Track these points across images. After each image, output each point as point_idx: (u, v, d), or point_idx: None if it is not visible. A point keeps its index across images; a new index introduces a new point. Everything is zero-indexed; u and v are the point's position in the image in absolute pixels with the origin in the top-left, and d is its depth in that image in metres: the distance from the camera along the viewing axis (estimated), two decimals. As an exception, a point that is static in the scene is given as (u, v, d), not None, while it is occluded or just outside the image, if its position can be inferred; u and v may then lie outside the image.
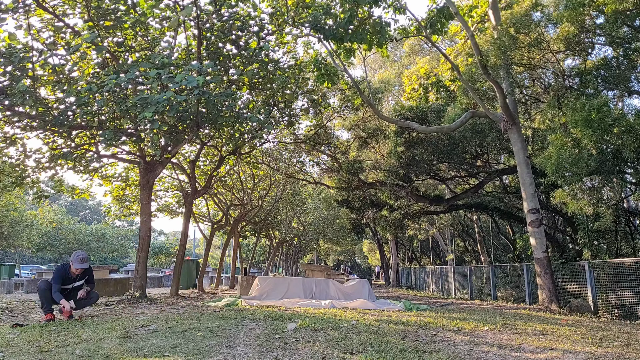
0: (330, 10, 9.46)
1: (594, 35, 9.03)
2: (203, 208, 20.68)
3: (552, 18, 9.02)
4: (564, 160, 8.18)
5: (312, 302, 9.38)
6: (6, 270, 22.32)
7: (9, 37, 8.03)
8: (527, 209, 9.56)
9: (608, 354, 4.12)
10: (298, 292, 10.50)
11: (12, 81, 7.39)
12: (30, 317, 6.88)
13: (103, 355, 3.73)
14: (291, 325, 7.78)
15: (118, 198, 15.31)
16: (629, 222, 12.60)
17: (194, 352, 3.86)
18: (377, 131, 17.66)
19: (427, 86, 16.75)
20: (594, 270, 8.74)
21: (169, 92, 6.34)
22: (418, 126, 12.16)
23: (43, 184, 12.21)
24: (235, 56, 9.98)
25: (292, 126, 15.74)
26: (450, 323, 5.96)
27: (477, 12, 12.56)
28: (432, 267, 21.32)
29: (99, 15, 8.01)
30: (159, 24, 9.34)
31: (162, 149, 8.94)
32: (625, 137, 7.50)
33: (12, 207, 23.53)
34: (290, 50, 13.01)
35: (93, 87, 6.67)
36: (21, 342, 4.33)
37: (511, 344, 4.55)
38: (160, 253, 48.02)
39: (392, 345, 4.29)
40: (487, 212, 17.37)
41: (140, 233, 9.97)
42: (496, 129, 12.44)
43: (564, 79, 10.42)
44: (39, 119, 7.93)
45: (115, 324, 5.47)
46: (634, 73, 9.24)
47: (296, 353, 3.94)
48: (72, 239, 37.17)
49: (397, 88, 25.95)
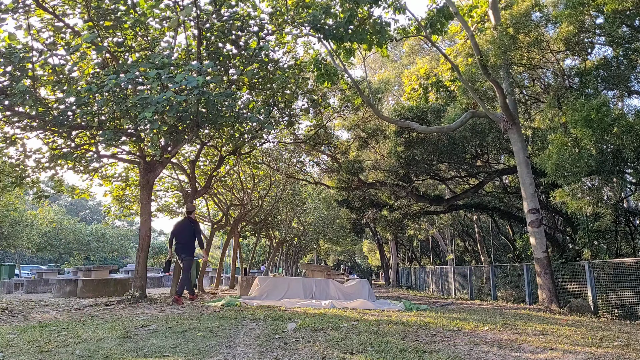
0: (330, 10, 9.46)
1: (594, 35, 9.03)
2: (203, 208, 20.68)
3: (552, 18, 9.03)
4: (564, 160, 8.18)
5: (312, 302, 9.38)
6: (6, 270, 22.32)
7: (9, 37, 8.03)
8: (527, 209, 9.56)
9: (608, 354, 4.12)
10: (298, 292, 10.50)
11: (12, 81, 7.39)
12: (31, 317, 6.88)
13: (103, 355, 3.73)
14: (291, 325, 7.81)
15: (118, 198, 15.31)
16: (628, 222, 12.60)
17: (194, 352, 3.86)
18: (377, 131, 17.66)
19: (427, 86, 16.76)
20: (594, 270, 8.74)
21: (169, 92, 6.34)
22: (418, 126, 12.16)
23: (43, 184, 12.20)
24: (235, 56, 9.98)
25: (292, 126, 15.74)
26: (450, 323, 5.95)
27: (477, 12, 12.56)
28: (432, 267, 21.32)
29: (99, 15, 8.01)
30: (159, 24, 9.34)
31: (162, 149, 8.94)
32: (625, 137, 7.50)
33: (12, 207, 23.53)
34: (290, 50, 13.01)
35: (93, 87, 6.67)
36: (21, 342, 4.33)
37: (511, 344, 4.55)
38: (160, 253, 48.03)
39: (392, 345, 4.29)
40: (487, 212, 17.39)
41: (140, 233, 9.96)
42: (496, 129, 12.44)
43: (563, 78, 10.43)
44: (38, 119, 7.93)
45: (115, 324, 5.47)
46: (633, 73, 9.25)
47: (296, 353, 3.94)
48: (72, 239, 37.18)
49: (396, 88, 25.96)
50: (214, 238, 21.69)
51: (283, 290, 10.51)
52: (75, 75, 8.39)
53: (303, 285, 10.76)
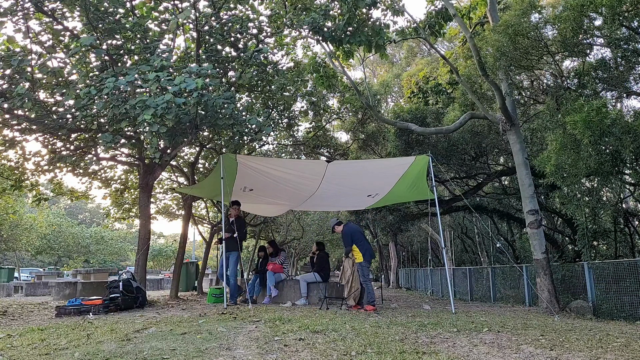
0: (329, 12, 9.48)
1: (592, 37, 9.05)
2: (202, 210, 20.66)
3: (551, 19, 9.04)
4: (563, 162, 8.19)
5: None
6: (5, 273, 22.31)
7: (7, 41, 8.04)
8: (526, 210, 9.57)
9: (608, 354, 4.12)
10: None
11: (10, 84, 7.40)
12: (30, 320, 6.87)
13: (102, 357, 3.73)
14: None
15: (117, 202, 15.30)
16: (627, 222, 12.60)
17: (193, 354, 3.86)
18: (376, 133, 17.68)
19: (426, 90, 16.79)
20: (593, 271, 8.74)
21: (168, 94, 6.35)
22: (417, 127, 12.17)
23: (42, 186, 12.20)
24: (234, 59, 9.99)
25: (291, 128, 15.73)
26: (449, 324, 5.96)
27: (475, 14, 12.58)
28: (431, 268, 21.30)
29: (97, 18, 8.02)
30: (158, 27, 9.36)
31: (161, 152, 8.95)
32: (623, 138, 7.51)
33: (11, 210, 23.53)
34: (289, 52, 13.03)
35: (92, 90, 6.68)
36: (21, 345, 4.33)
37: (510, 345, 4.56)
38: (159, 255, 47.97)
39: (391, 346, 4.29)
40: (486, 213, 17.38)
41: (140, 235, 9.97)
42: (495, 131, 12.45)
43: (562, 80, 10.45)
44: (38, 122, 7.94)
45: (114, 326, 5.46)
46: (632, 74, 9.26)
47: (296, 355, 3.94)
48: (72, 242, 37.13)
49: (396, 89, 26.00)
50: (213, 240, 21.63)
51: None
52: (75, 78, 8.39)
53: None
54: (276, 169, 9.48)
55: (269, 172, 9.36)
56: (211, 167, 14.53)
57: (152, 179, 10.37)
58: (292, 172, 9.72)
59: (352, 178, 10.02)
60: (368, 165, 11.08)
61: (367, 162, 12.95)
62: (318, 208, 16.55)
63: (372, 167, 10.45)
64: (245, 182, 9.73)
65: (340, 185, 10.21)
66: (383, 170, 9.99)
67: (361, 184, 10.20)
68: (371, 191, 10.63)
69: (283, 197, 10.95)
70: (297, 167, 10.36)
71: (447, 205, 16.10)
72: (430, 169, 9.22)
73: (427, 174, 9.64)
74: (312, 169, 9.80)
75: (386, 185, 10.23)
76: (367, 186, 10.34)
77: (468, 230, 24.79)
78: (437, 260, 29.34)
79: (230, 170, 8.93)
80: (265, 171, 9.32)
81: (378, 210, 16.44)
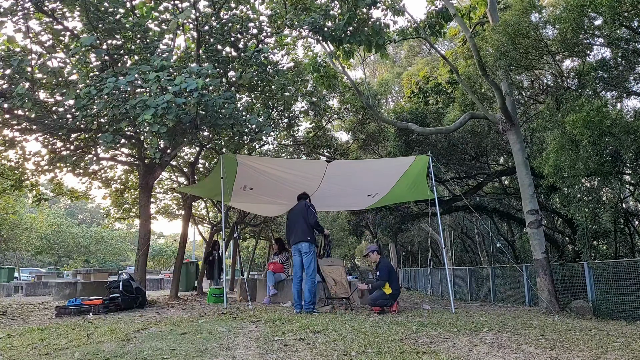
0: (329, 12, 9.49)
1: (592, 37, 9.04)
2: (202, 210, 20.67)
3: (551, 19, 9.04)
4: (562, 162, 8.19)
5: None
6: (5, 273, 22.31)
7: (7, 41, 8.04)
8: (526, 210, 9.57)
9: (608, 354, 4.12)
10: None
11: (10, 84, 7.40)
12: (30, 320, 6.87)
13: (102, 357, 3.73)
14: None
15: (117, 202, 15.31)
16: (628, 222, 12.61)
17: (193, 354, 3.86)
18: (376, 133, 17.67)
19: (426, 89, 16.79)
20: (593, 271, 8.73)
21: (168, 94, 6.36)
22: (417, 127, 12.17)
23: (42, 186, 12.21)
24: (234, 59, 9.99)
25: (292, 128, 15.73)
26: (449, 324, 5.95)
27: (475, 14, 12.58)
28: (431, 268, 21.29)
29: (97, 18, 8.02)
30: (158, 27, 9.36)
31: (161, 152, 8.95)
32: (623, 138, 7.51)
33: (11, 210, 23.54)
34: (289, 52, 13.03)
35: (92, 89, 6.68)
36: (21, 345, 4.33)
37: (510, 345, 4.56)
38: (159, 255, 47.94)
39: (391, 346, 4.29)
40: (486, 213, 17.39)
41: (140, 235, 9.97)
42: (495, 130, 12.45)
43: (562, 80, 10.45)
44: (38, 122, 7.93)
45: (114, 326, 5.46)
46: (632, 74, 9.26)
47: (296, 355, 3.94)
48: (72, 242, 37.12)
49: (396, 89, 26.00)
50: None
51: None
52: (75, 78, 8.39)
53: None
54: (276, 169, 9.48)
55: (269, 171, 9.35)
56: (211, 167, 14.54)
57: (152, 179, 10.37)
58: (292, 171, 9.72)
59: (352, 178, 10.02)
60: (368, 165, 11.08)
61: (367, 162, 12.96)
62: (318, 208, 16.50)
63: (372, 167, 10.46)
64: (245, 182, 9.73)
65: (340, 185, 10.21)
66: (383, 170, 9.99)
67: (361, 183, 10.21)
68: (371, 191, 10.63)
69: (283, 197, 10.95)
70: (297, 167, 10.37)
71: (447, 205, 16.09)
72: (430, 169, 9.22)
73: (427, 174, 9.64)
74: (312, 169, 9.81)
75: (386, 185, 10.24)
76: (367, 186, 10.34)
77: (468, 230, 24.79)
78: (437, 260, 29.34)
79: (230, 170, 8.93)
80: (265, 171, 9.32)
81: (378, 210, 16.42)
